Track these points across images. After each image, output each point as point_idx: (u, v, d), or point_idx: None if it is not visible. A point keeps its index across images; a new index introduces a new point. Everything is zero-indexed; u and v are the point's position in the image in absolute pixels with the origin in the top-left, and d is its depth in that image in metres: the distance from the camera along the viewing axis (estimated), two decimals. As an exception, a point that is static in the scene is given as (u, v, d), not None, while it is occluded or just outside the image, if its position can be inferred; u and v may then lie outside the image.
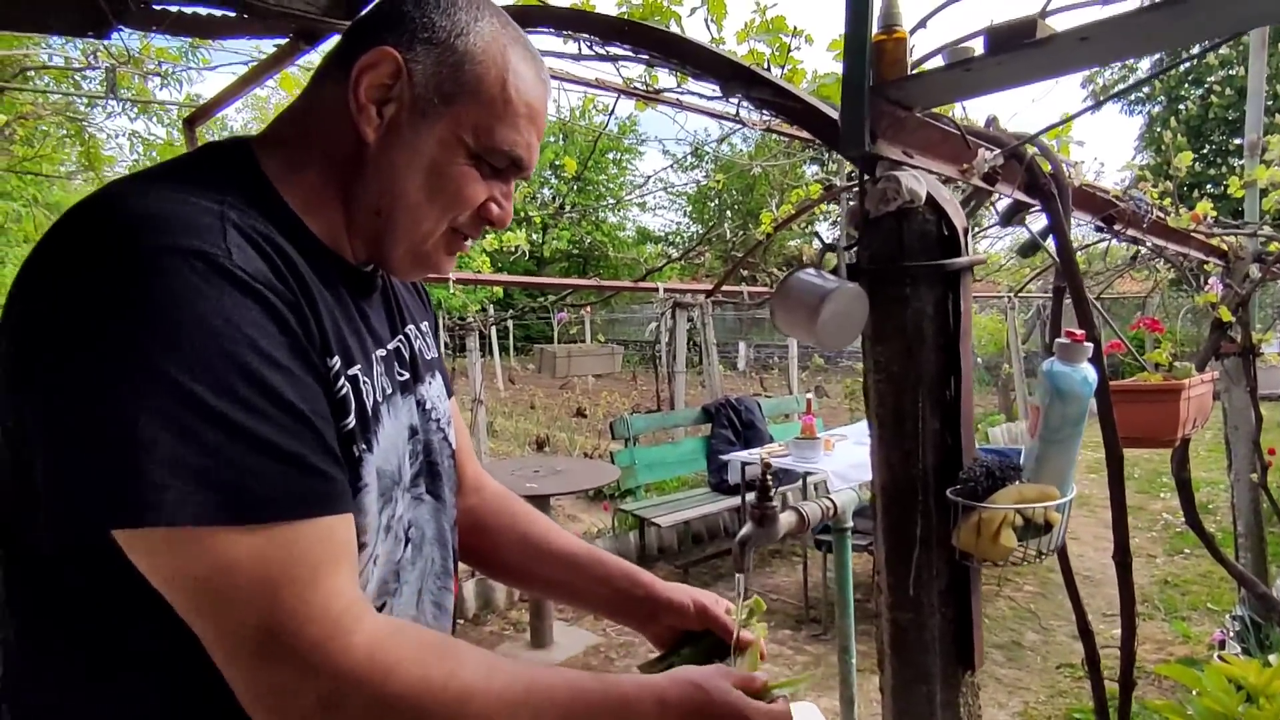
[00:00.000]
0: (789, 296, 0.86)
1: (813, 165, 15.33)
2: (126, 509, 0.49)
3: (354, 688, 0.52)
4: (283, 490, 0.52)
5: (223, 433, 0.50)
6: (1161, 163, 2.86)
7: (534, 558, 0.89)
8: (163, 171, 0.62)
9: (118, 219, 0.54)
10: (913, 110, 0.89)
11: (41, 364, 0.52)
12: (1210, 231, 2.46)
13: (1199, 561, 4.41)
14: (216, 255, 0.53)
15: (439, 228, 0.67)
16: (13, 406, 0.55)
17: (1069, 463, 0.85)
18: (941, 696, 0.88)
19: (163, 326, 0.50)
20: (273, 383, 0.53)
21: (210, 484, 0.50)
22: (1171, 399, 1.84)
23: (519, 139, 0.67)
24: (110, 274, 0.51)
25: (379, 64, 0.63)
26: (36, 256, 0.56)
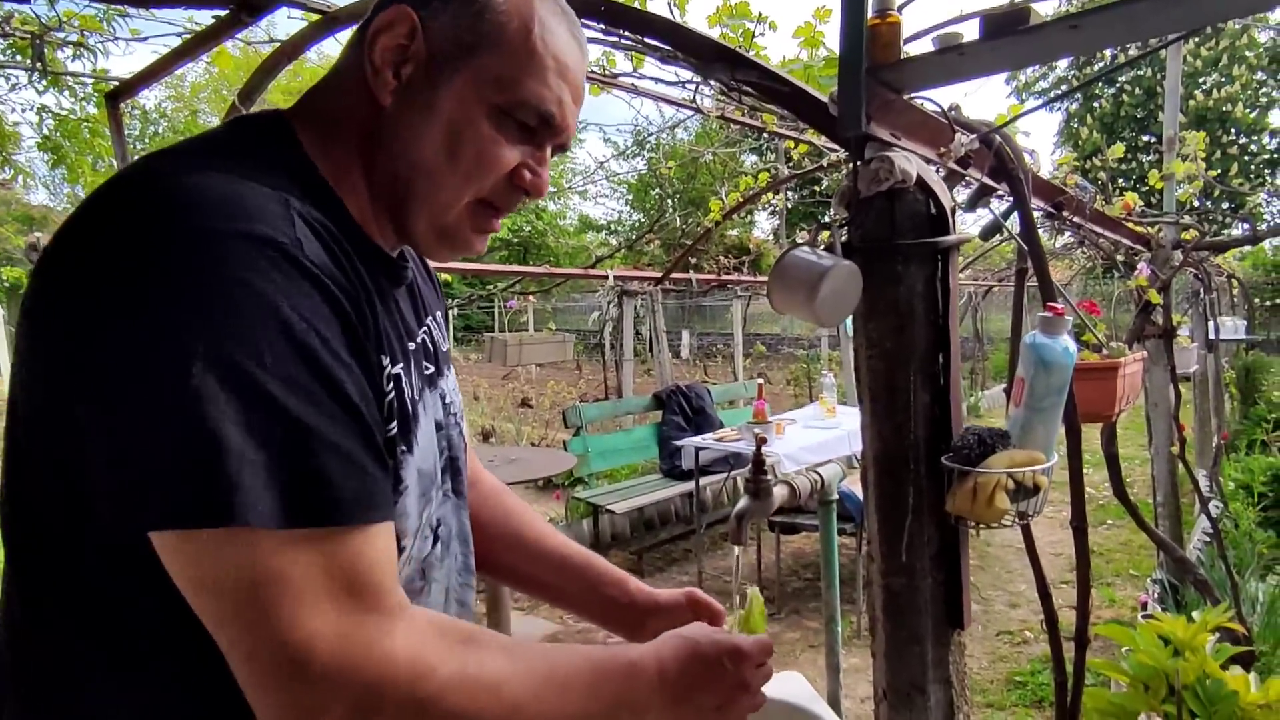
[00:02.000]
0: (787, 275, 0.88)
1: (751, 155, 15.54)
2: (201, 509, 0.45)
3: (392, 693, 0.49)
4: (342, 493, 0.49)
5: (291, 431, 0.47)
6: (1079, 157, 3.02)
7: (526, 558, 0.87)
8: (206, 148, 0.58)
9: (182, 201, 0.50)
10: (901, 94, 0.92)
11: (101, 351, 0.48)
12: (1138, 220, 2.62)
13: (1120, 531, 4.72)
14: (288, 245, 0.50)
15: (462, 196, 0.62)
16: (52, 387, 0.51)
17: (1052, 430, 0.90)
18: (933, 655, 0.92)
19: (237, 317, 0.47)
20: (339, 380, 0.51)
21: (274, 484, 0.46)
22: (1110, 376, 1.95)
23: (547, 93, 0.62)
24: (181, 262, 0.47)
25: (394, 23, 0.59)
26: (81, 234, 0.52)
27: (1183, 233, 2.91)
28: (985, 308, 9.66)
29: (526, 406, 9.00)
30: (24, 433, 0.54)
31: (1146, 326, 2.77)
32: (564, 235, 18.76)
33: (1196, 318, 4.53)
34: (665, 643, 0.66)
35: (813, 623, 3.56)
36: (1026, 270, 1.33)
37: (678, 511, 5.09)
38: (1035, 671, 3.04)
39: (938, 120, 1.05)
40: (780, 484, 0.96)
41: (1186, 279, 4.59)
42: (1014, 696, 2.91)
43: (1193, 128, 7.71)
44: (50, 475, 0.53)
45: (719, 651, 0.65)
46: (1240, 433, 5.75)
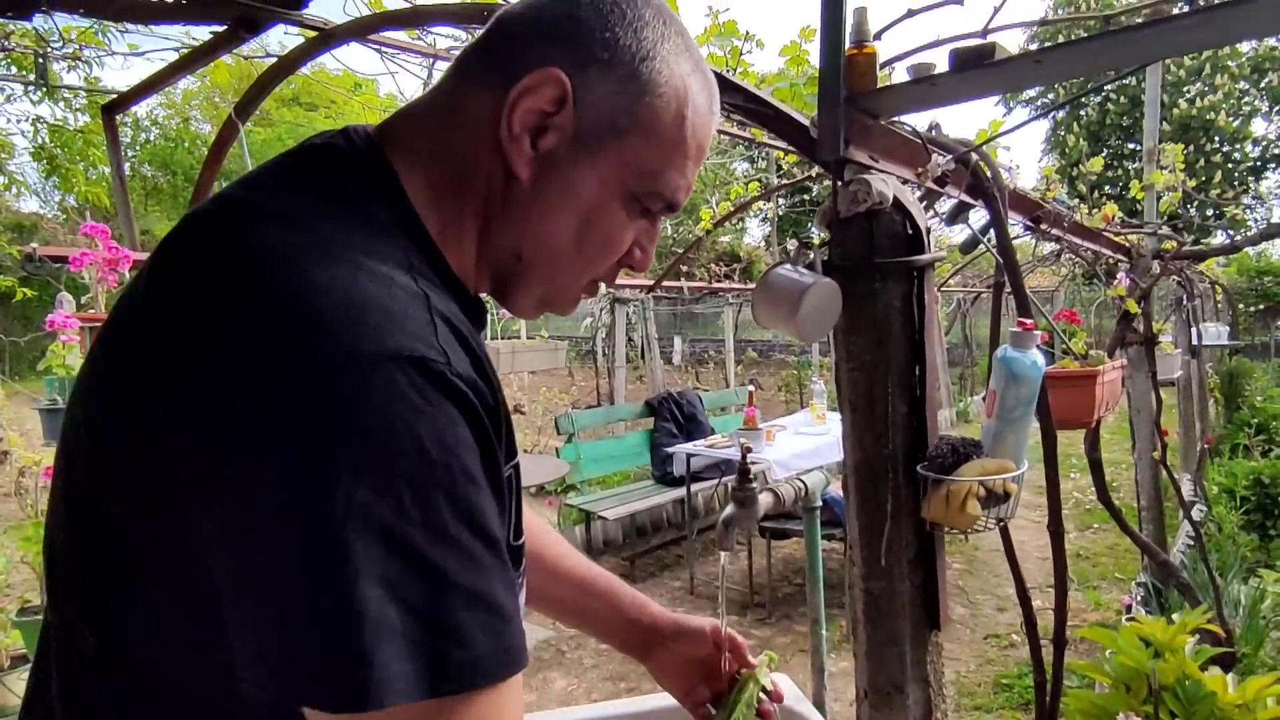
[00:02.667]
0: (770, 292, 0.92)
1: (742, 163, 15.65)
2: (329, 689, 0.39)
3: None
4: (484, 650, 0.43)
5: (433, 587, 0.41)
6: (1066, 165, 3.08)
7: (547, 577, 0.84)
8: (313, 200, 0.49)
9: (311, 309, 0.42)
10: (879, 119, 0.96)
11: (217, 479, 0.41)
12: (1118, 231, 2.68)
13: (1106, 535, 4.79)
14: (435, 362, 0.43)
15: (582, 279, 0.59)
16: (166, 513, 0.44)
17: (1022, 439, 0.94)
18: (911, 655, 0.96)
19: (377, 460, 0.40)
20: (482, 517, 0.44)
21: (418, 650, 0.40)
22: (1088, 384, 2.01)
23: (683, 182, 0.58)
24: (314, 390, 0.40)
25: (542, 87, 0.52)
26: (175, 310, 0.45)
27: (1163, 243, 2.98)
28: (974, 314, 9.76)
29: (519, 413, 9.01)
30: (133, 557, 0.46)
31: (1128, 334, 2.83)
32: (556, 242, 18.79)
33: (1179, 324, 4.61)
34: None
35: (802, 627, 3.60)
36: (1003, 284, 1.38)
37: (669, 517, 5.13)
38: (1022, 674, 3.08)
39: (915, 142, 1.10)
40: (765, 492, 1.00)
41: (1170, 286, 4.68)
42: (1001, 699, 2.95)
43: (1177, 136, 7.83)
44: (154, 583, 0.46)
45: None
46: (1224, 437, 5.83)
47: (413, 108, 0.58)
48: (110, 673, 0.49)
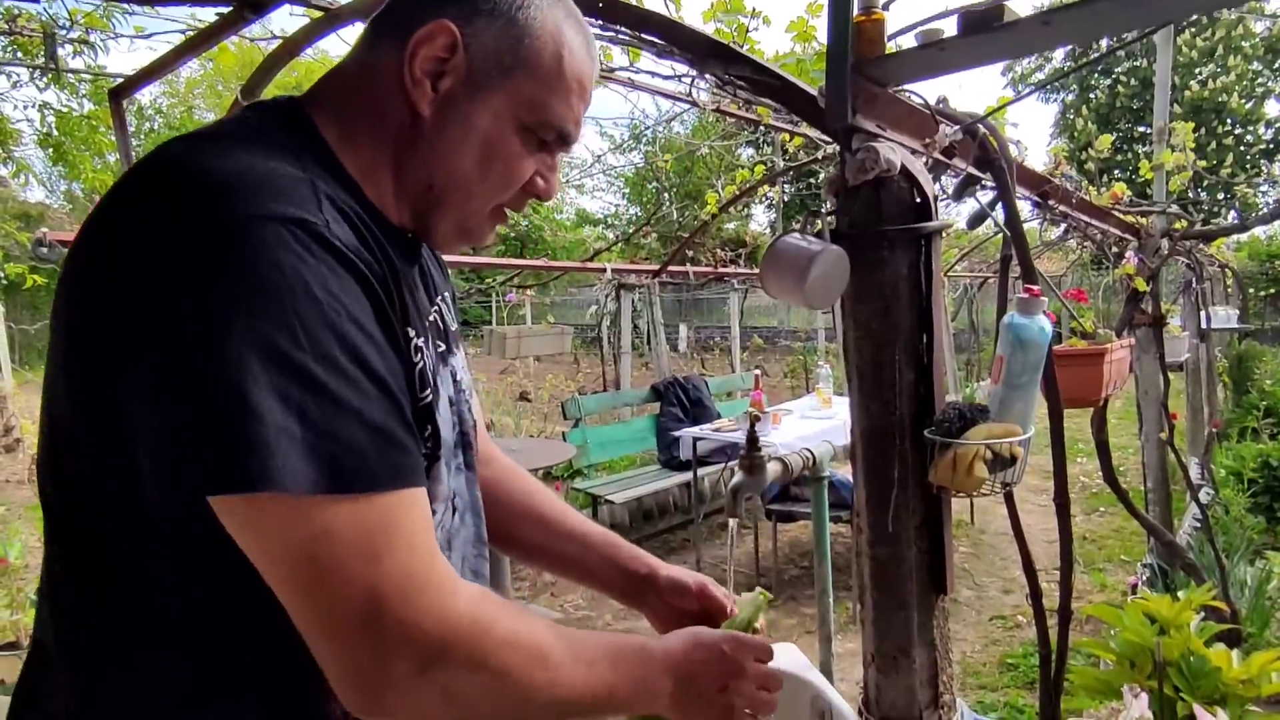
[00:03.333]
0: (779, 260, 0.93)
1: (748, 148, 15.56)
2: (235, 475, 0.49)
3: (455, 648, 0.54)
4: (379, 462, 0.52)
5: (326, 404, 0.50)
6: (1075, 148, 3.06)
7: (549, 535, 0.90)
8: (227, 133, 0.60)
9: (210, 183, 0.52)
10: (887, 87, 0.96)
11: (143, 332, 0.51)
12: (1126, 210, 2.67)
13: (1112, 519, 4.79)
14: (317, 224, 0.53)
15: (489, 204, 0.67)
16: (104, 367, 0.54)
17: (1029, 405, 0.95)
18: (918, 619, 0.97)
19: (271, 295, 0.49)
20: (368, 356, 0.53)
21: (312, 454, 0.49)
22: (1096, 362, 2.01)
23: (569, 113, 0.66)
24: (217, 241, 0.50)
25: (436, 36, 0.61)
26: (116, 217, 0.55)
27: (1172, 222, 2.96)
28: (980, 300, 9.72)
29: (525, 400, 9.05)
30: (67, 410, 0.57)
31: (1135, 315, 2.82)
32: (561, 229, 18.77)
33: (1188, 307, 4.59)
34: (670, 635, 0.71)
35: (809, 609, 3.62)
36: (1011, 257, 1.38)
37: (676, 501, 5.15)
38: (1027, 654, 3.10)
39: (923, 112, 1.10)
40: (773, 460, 1.01)
41: (1179, 269, 4.65)
42: (1006, 678, 2.97)
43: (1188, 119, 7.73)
44: (93, 449, 0.56)
45: (717, 638, 0.71)
46: (1232, 421, 5.82)
47: (330, 72, 0.68)
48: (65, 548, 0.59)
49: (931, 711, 0.99)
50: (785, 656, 1.22)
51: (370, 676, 0.52)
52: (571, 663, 0.60)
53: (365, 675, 0.52)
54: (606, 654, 0.64)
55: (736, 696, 0.70)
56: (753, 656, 0.71)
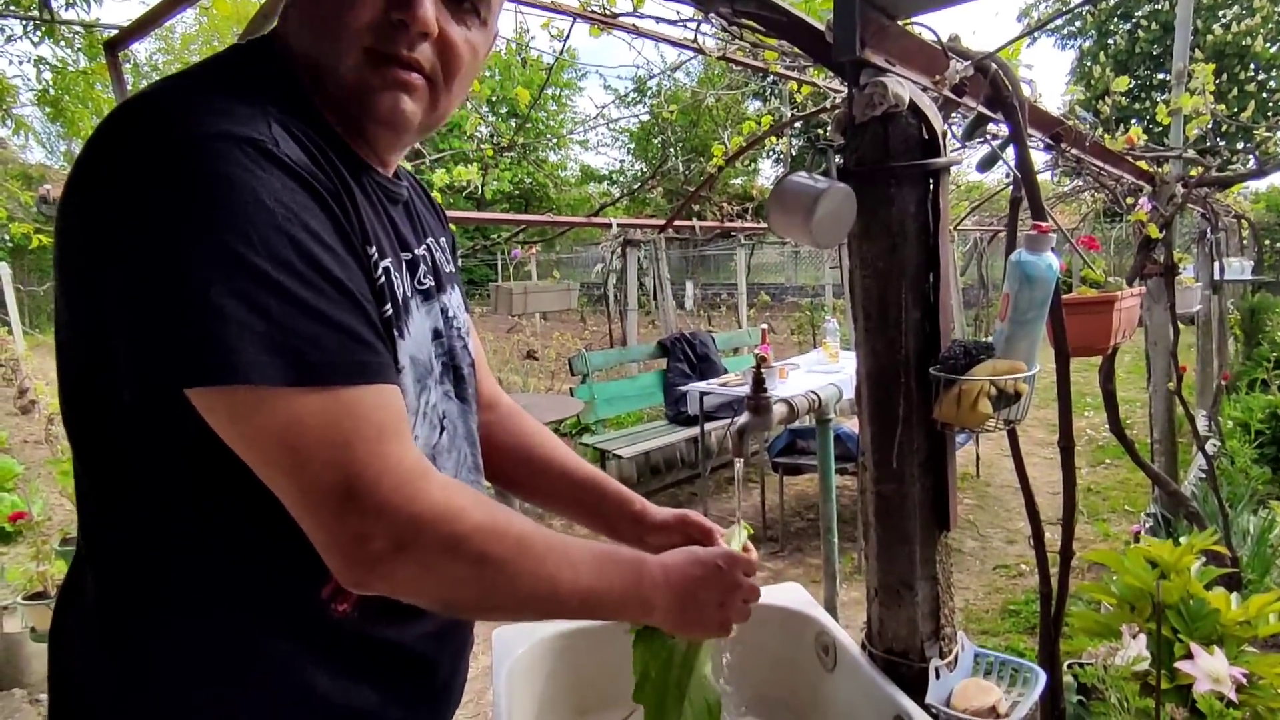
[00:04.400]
0: (784, 199, 0.92)
1: (755, 100, 15.23)
2: (201, 370, 0.53)
3: (429, 527, 0.57)
4: (341, 358, 0.56)
5: (284, 302, 0.54)
6: (1092, 96, 2.99)
7: (539, 473, 0.94)
8: (202, 72, 0.63)
9: (171, 112, 0.56)
10: (896, 19, 0.94)
11: (113, 243, 0.55)
12: (1141, 155, 2.61)
13: (1117, 471, 4.81)
14: (264, 141, 0.56)
15: (350, 49, 0.63)
16: (85, 283, 0.58)
17: (1034, 342, 0.95)
18: (921, 554, 0.99)
19: (223, 205, 0.53)
20: (324, 261, 0.56)
21: (276, 348, 0.53)
22: (1105, 310, 1.99)
23: None
24: (173, 159, 0.54)
25: None
26: (95, 147, 0.58)
27: (1190, 169, 2.90)
28: (990, 254, 9.60)
29: (532, 359, 9.08)
30: (66, 337, 0.62)
31: (1147, 264, 2.79)
32: (566, 185, 18.56)
33: (1201, 257, 4.53)
34: (667, 553, 0.74)
35: (814, 559, 3.68)
36: (1021, 200, 1.36)
37: (683, 456, 5.20)
38: (1029, 600, 3.15)
39: (933, 47, 1.07)
40: (779, 402, 1.01)
41: (1194, 218, 4.56)
42: (1008, 624, 3.03)
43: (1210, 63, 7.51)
44: (83, 363, 0.60)
45: (713, 555, 0.75)
46: (1242, 374, 5.78)
47: None
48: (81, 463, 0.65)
49: (933, 643, 1.02)
50: (789, 594, 1.26)
51: (353, 551, 0.56)
52: (556, 559, 0.63)
53: (348, 550, 0.56)
54: (596, 559, 0.67)
55: (731, 610, 0.74)
56: (743, 571, 0.75)
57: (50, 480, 4.63)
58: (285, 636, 0.64)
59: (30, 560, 2.74)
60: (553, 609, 0.65)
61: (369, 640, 0.68)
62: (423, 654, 0.73)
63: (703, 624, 0.73)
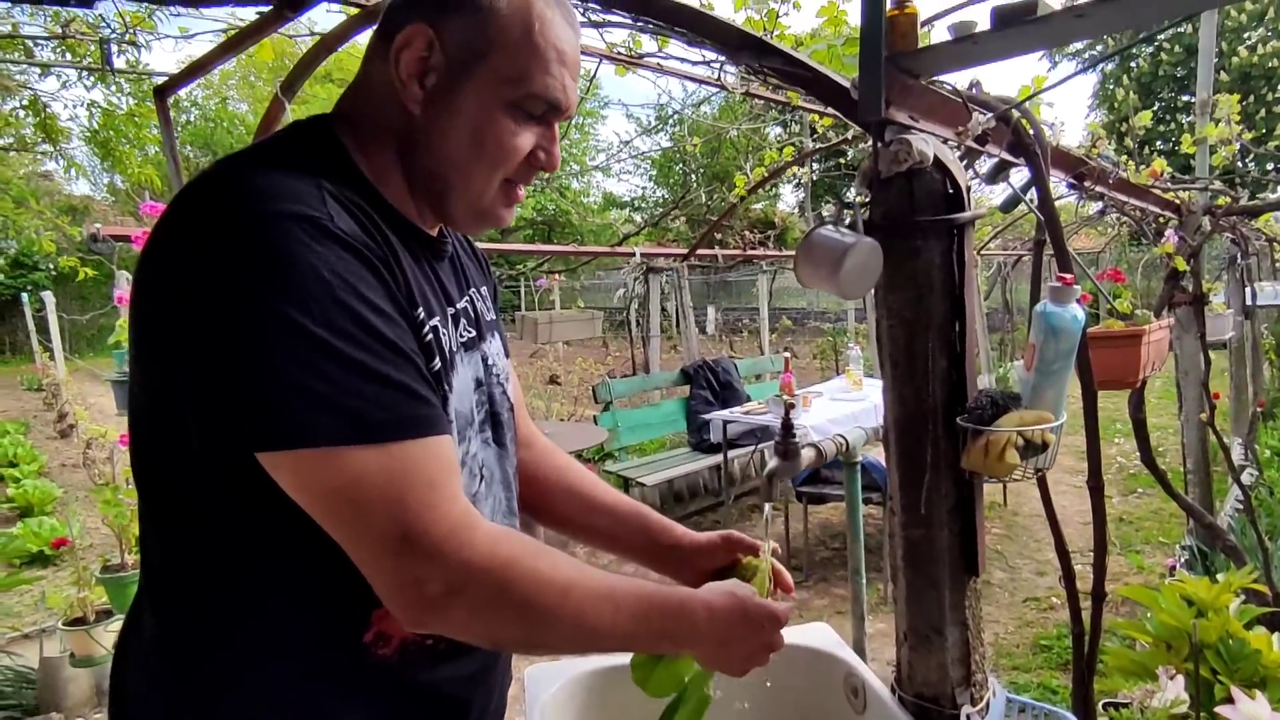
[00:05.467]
0: (813, 252, 0.95)
1: (775, 127, 15.33)
2: (271, 435, 0.57)
3: (478, 575, 0.61)
4: (396, 414, 0.60)
5: (342, 367, 0.58)
6: (1115, 120, 2.98)
7: (582, 509, 0.98)
8: (262, 151, 0.69)
9: (236, 192, 0.61)
10: (920, 78, 0.97)
11: (185, 314, 0.60)
12: (1166, 187, 2.61)
13: (1150, 500, 4.71)
14: (320, 218, 0.61)
15: (492, 183, 0.72)
16: (159, 347, 0.63)
17: (1061, 392, 0.96)
18: (950, 599, 1.00)
19: (285, 279, 0.57)
20: (376, 324, 0.61)
21: (337, 410, 0.58)
22: (1134, 344, 1.99)
23: (552, 81, 0.70)
24: (239, 237, 0.59)
25: (413, 40, 0.68)
26: (167, 226, 0.63)
27: (1215, 199, 2.89)
28: (1015, 278, 9.52)
29: (555, 384, 9.14)
30: (139, 393, 0.66)
31: (1175, 293, 2.77)
32: (588, 213, 18.77)
33: (1232, 283, 4.46)
34: (715, 595, 0.75)
35: (840, 590, 3.65)
36: (1045, 242, 1.38)
37: (706, 484, 5.19)
38: (1061, 635, 3.09)
39: (955, 101, 1.11)
40: (808, 446, 1.04)
41: (1223, 244, 4.51)
42: (1040, 660, 2.97)
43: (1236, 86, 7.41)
44: (154, 420, 0.65)
45: (761, 616, 0.76)
46: (1278, 400, 5.66)
47: (348, 87, 0.75)
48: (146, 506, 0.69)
49: (964, 689, 1.02)
50: (818, 635, 1.27)
51: (411, 595, 0.60)
52: (596, 603, 0.66)
53: (407, 594, 0.60)
54: (638, 602, 0.69)
55: (756, 661, 0.77)
56: (781, 628, 0.78)
57: (88, 504, 4.75)
58: (328, 677, 0.68)
59: (71, 585, 2.81)
60: (592, 647, 0.70)
61: (407, 683, 0.71)
62: (455, 694, 0.76)
63: (728, 666, 0.76)
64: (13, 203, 4.87)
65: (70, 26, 2.26)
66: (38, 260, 12.94)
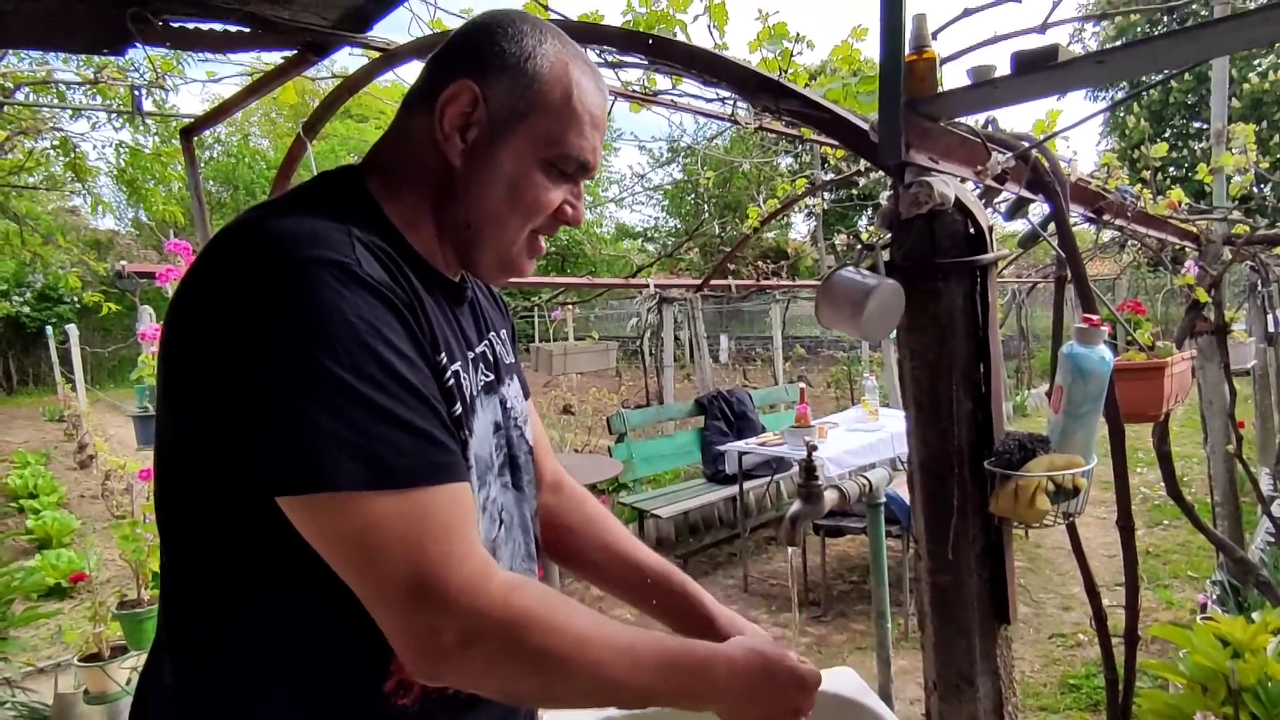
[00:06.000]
0: (834, 294, 0.95)
1: (787, 157, 15.46)
2: (291, 478, 0.58)
3: (492, 626, 0.60)
4: (416, 460, 0.60)
5: (366, 412, 0.58)
6: (1126, 147, 2.97)
7: (610, 560, 0.97)
8: (292, 199, 0.71)
9: (267, 238, 0.62)
10: (939, 121, 0.98)
11: (213, 360, 0.60)
12: (1184, 217, 2.59)
13: (1177, 532, 4.61)
14: (349, 264, 0.62)
15: (521, 234, 0.75)
16: (187, 389, 0.64)
17: (1090, 435, 0.95)
18: (980, 648, 0.97)
19: (312, 324, 0.58)
20: (401, 370, 0.61)
21: (358, 455, 0.57)
22: (1156, 376, 1.96)
23: (585, 144, 0.74)
24: (268, 283, 0.60)
25: (459, 96, 0.71)
26: (199, 271, 0.64)
27: (1234, 227, 2.87)
28: (1030, 306, 9.45)
29: (569, 414, 9.13)
30: (165, 434, 0.67)
31: (1197, 323, 2.74)
32: (601, 244, 18.94)
33: (1254, 311, 4.41)
34: (739, 652, 0.73)
35: (859, 625, 3.58)
36: (1066, 277, 1.37)
37: (722, 516, 5.14)
38: (1090, 674, 3.01)
39: (974, 141, 1.11)
40: (830, 488, 1.02)
41: (1242, 271, 4.46)
42: (1068, 700, 2.89)
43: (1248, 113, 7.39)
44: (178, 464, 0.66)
45: (788, 680, 0.74)
46: (1305, 428, 5.53)
47: (378, 140, 0.77)
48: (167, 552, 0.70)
49: (996, 740, 0.99)
50: (842, 681, 1.24)
51: (424, 645, 0.59)
52: (613, 657, 0.65)
53: (420, 644, 0.59)
54: (659, 658, 0.68)
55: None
56: (811, 694, 0.75)
57: (106, 536, 4.77)
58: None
59: (87, 621, 2.81)
60: (609, 701, 0.68)
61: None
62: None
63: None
64: (41, 239, 4.98)
65: (103, 72, 2.33)
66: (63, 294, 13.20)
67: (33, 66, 3.18)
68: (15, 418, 13.07)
